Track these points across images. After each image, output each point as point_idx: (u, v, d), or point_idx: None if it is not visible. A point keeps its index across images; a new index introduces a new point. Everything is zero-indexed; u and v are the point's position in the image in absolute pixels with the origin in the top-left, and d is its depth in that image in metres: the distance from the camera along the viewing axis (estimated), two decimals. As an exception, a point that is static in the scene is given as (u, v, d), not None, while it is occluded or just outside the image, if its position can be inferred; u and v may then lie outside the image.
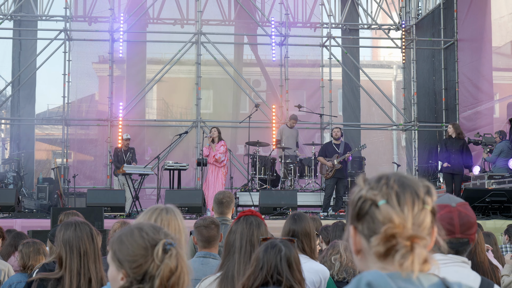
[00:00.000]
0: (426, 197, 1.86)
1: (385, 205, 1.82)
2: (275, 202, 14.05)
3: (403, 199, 1.83)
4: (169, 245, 2.34)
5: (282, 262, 3.35)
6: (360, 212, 1.87)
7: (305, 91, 22.46)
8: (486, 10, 18.55)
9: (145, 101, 21.34)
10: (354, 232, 1.90)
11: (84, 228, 4.04)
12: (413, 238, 1.79)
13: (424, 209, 1.84)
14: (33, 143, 20.94)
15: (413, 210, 1.82)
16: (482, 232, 6.35)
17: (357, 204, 1.88)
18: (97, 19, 21.19)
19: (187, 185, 18.02)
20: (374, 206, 1.84)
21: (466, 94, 19.55)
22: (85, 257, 3.95)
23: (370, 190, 1.86)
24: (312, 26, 22.31)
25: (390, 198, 1.83)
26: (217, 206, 6.42)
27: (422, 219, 1.83)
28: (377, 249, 1.82)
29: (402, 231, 1.80)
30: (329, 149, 15.68)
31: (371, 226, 1.84)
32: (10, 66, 20.92)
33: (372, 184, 1.87)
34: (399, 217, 1.80)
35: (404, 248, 1.79)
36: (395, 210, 1.81)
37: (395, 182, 1.85)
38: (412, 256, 1.79)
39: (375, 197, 1.84)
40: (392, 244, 1.80)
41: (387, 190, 1.84)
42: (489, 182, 14.92)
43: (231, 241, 3.90)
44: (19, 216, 13.38)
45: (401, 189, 1.84)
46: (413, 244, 1.79)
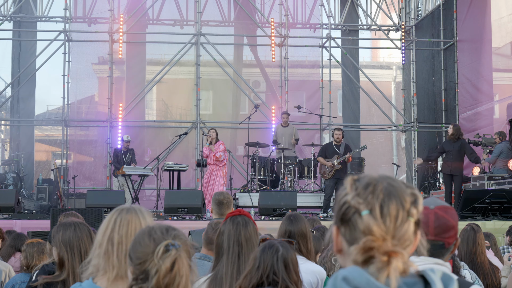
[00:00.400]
0: (412, 208, 1.84)
1: (368, 215, 1.81)
2: (275, 203, 14.03)
3: (386, 210, 1.81)
4: (172, 245, 2.36)
5: (278, 263, 3.35)
6: (344, 217, 1.86)
7: (305, 92, 22.46)
8: (486, 10, 18.55)
9: (144, 102, 21.34)
10: (336, 232, 1.90)
11: (83, 228, 4.03)
12: (390, 253, 1.78)
13: (407, 220, 1.82)
14: (32, 144, 20.93)
15: (396, 222, 1.80)
16: (482, 233, 6.34)
17: (341, 208, 1.87)
18: (96, 20, 21.19)
19: (186, 186, 18.02)
20: (357, 214, 1.82)
21: (465, 95, 19.55)
22: (86, 257, 3.95)
23: (356, 197, 1.84)
24: (312, 27, 22.31)
25: (373, 208, 1.81)
26: (216, 207, 6.41)
27: (404, 231, 1.81)
28: (356, 258, 1.81)
29: (381, 244, 1.78)
30: (329, 150, 15.68)
31: (352, 233, 1.84)
32: (9, 67, 20.91)
33: (358, 190, 1.85)
34: (380, 229, 1.79)
35: (380, 263, 1.78)
36: (377, 222, 1.80)
37: (381, 191, 1.83)
38: (387, 270, 1.77)
39: (359, 206, 1.82)
40: (370, 255, 1.79)
41: (372, 200, 1.82)
42: (489, 183, 14.91)
43: (220, 243, 3.89)
44: (19, 217, 13.37)
45: (386, 199, 1.82)
46: (390, 259, 1.78)
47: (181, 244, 2.39)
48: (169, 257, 2.35)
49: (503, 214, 13.38)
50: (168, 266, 2.34)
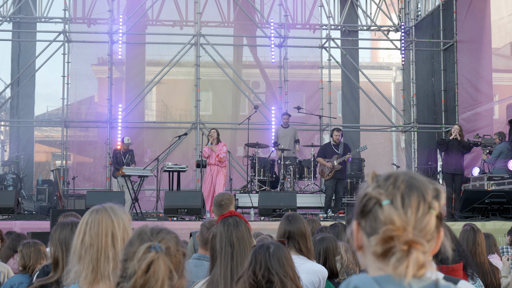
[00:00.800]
0: (433, 201, 1.82)
1: (389, 205, 1.80)
2: (275, 204, 14.03)
3: (407, 201, 1.79)
4: (153, 248, 2.35)
5: (271, 259, 3.36)
6: (364, 209, 1.85)
7: (304, 93, 22.47)
8: (486, 11, 18.55)
9: (144, 103, 21.33)
10: (357, 227, 1.89)
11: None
12: (411, 242, 1.77)
13: (429, 213, 1.81)
14: (32, 145, 20.92)
15: (417, 214, 1.79)
16: (481, 233, 6.34)
17: (362, 201, 1.86)
18: (96, 21, 21.18)
19: (186, 187, 18.02)
20: (378, 205, 1.82)
21: (465, 96, 19.55)
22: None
23: (376, 188, 1.84)
24: (311, 27, 22.31)
25: (394, 198, 1.80)
26: (216, 208, 6.40)
27: (425, 224, 1.80)
28: (375, 249, 1.80)
29: (401, 234, 1.77)
30: (328, 150, 15.68)
31: (373, 224, 1.82)
32: (9, 68, 20.90)
33: (379, 182, 1.85)
34: (401, 219, 1.78)
35: (400, 252, 1.77)
36: (398, 212, 1.78)
37: (402, 182, 1.82)
38: (407, 261, 1.76)
39: (380, 196, 1.82)
40: (390, 246, 1.78)
41: (393, 190, 1.81)
42: (489, 183, 14.91)
43: (213, 246, 3.88)
44: (19, 218, 13.36)
45: (407, 190, 1.81)
46: (410, 248, 1.77)
47: (163, 248, 2.36)
48: (146, 259, 2.32)
49: (502, 215, 13.38)
50: (144, 268, 2.31)
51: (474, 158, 17.88)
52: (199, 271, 4.83)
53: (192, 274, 4.82)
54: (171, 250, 2.39)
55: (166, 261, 2.35)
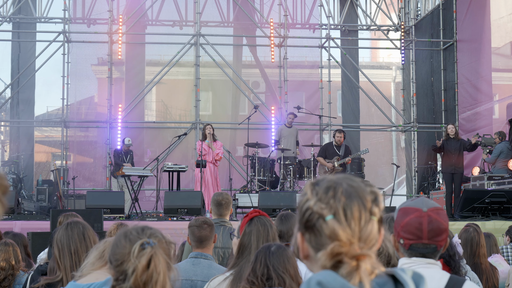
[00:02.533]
0: (373, 207, 1.84)
1: (332, 220, 1.80)
2: (274, 204, 14.02)
3: (350, 213, 1.81)
4: (147, 244, 2.39)
5: (271, 257, 3.37)
6: (308, 224, 1.85)
7: (304, 93, 22.46)
8: (486, 10, 18.55)
9: (144, 103, 21.33)
10: (302, 239, 1.89)
11: (76, 227, 4.04)
12: (358, 256, 1.79)
13: (371, 220, 1.83)
14: (32, 145, 20.92)
15: (360, 224, 1.81)
16: (482, 234, 6.33)
17: (304, 215, 1.86)
18: (96, 21, 21.18)
19: (186, 187, 18.00)
20: (322, 219, 1.82)
21: (465, 95, 19.55)
22: (76, 256, 3.95)
23: (318, 202, 1.84)
24: (311, 27, 22.30)
25: (337, 212, 1.81)
26: (215, 207, 6.41)
27: (369, 232, 1.82)
28: (324, 263, 1.81)
29: (348, 249, 1.79)
30: (329, 150, 15.68)
31: (318, 239, 1.83)
32: (9, 68, 20.89)
33: (320, 195, 1.85)
34: (346, 233, 1.79)
35: (349, 267, 1.78)
36: (342, 226, 1.80)
37: (342, 193, 1.83)
38: (358, 274, 1.78)
39: (322, 211, 1.82)
40: (338, 259, 1.79)
41: (334, 204, 1.82)
42: (489, 183, 14.92)
43: (246, 242, 3.91)
44: (19, 218, 13.36)
45: (348, 201, 1.82)
46: (358, 262, 1.78)
47: (156, 242, 2.41)
48: (145, 255, 2.36)
49: (503, 214, 13.38)
50: (144, 264, 2.35)
51: (474, 158, 17.88)
52: (197, 269, 4.85)
53: (190, 272, 4.83)
54: (162, 243, 2.44)
55: (162, 254, 2.39)
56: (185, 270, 4.83)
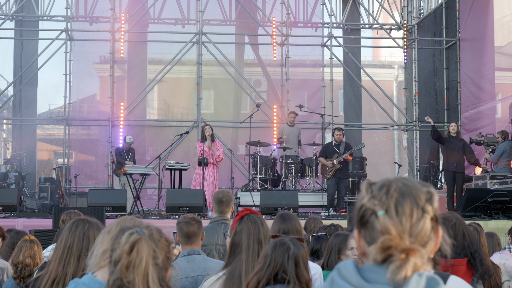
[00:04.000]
0: (427, 205, 1.89)
1: (384, 215, 1.87)
2: (276, 202, 14.02)
3: (401, 209, 1.86)
4: (135, 232, 2.41)
5: (289, 261, 3.34)
6: (362, 220, 1.93)
7: (306, 91, 22.43)
8: (489, 9, 18.52)
9: (146, 101, 21.33)
10: (358, 236, 1.97)
11: (82, 225, 4.03)
12: (408, 250, 1.83)
13: (423, 217, 1.88)
14: (35, 143, 20.94)
15: (411, 220, 1.86)
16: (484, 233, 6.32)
17: (359, 212, 1.94)
18: (98, 19, 21.18)
19: (188, 185, 17.99)
20: (374, 215, 1.89)
21: (468, 94, 19.52)
22: (69, 251, 3.93)
23: (371, 199, 1.91)
24: (313, 26, 22.28)
25: (389, 208, 1.87)
26: (216, 205, 6.41)
27: (420, 229, 1.87)
28: (375, 257, 1.87)
29: (398, 242, 1.84)
30: (329, 149, 15.70)
31: (371, 234, 1.90)
32: (11, 66, 20.91)
33: (374, 192, 1.92)
34: (396, 228, 1.85)
35: (399, 261, 1.83)
36: (393, 221, 1.86)
37: (395, 190, 1.89)
38: (405, 268, 1.83)
39: (375, 207, 1.89)
40: (389, 253, 1.85)
41: (387, 200, 1.88)
42: (491, 182, 14.89)
43: (237, 241, 3.89)
44: (21, 216, 13.38)
45: (400, 198, 1.88)
46: (408, 256, 1.83)
47: (146, 232, 2.41)
48: (129, 241, 2.37)
49: (505, 214, 13.36)
50: (127, 249, 2.35)
51: (477, 157, 17.85)
52: (194, 265, 4.86)
53: (187, 269, 4.83)
54: (154, 236, 2.43)
55: (149, 242, 2.38)
56: (182, 269, 4.82)
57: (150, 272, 2.36)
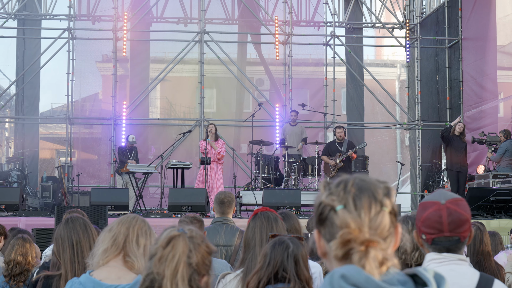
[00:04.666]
0: (385, 199, 1.89)
1: (342, 210, 1.86)
2: (279, 201, 14.02)
3: (359, 203, 1.86)
4: (176, 229, 2.44)
5: (289, 259, 3.35)
6: (321, 217, 1.92)
7: (309, 90, 22.44)
8: (491, 8, 18.50)
9: (148, 100, 21.34)
10: (318, 236, 1.95)
11: (77, 220, 4.05)
12: (367, 242, 1.83)
13: (382, 211, 1.87)
14: (37, 142, 20.94)
15: (370, 214, 1.86)
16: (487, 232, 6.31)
17: (318, 209, 1.93)
18: (100, 18, 21.18)
19: (190, 184, 18.01)
20: (333, 211, 1.88)
21: (470, 93, 19.51)
22: (78, 247, 3.95)
23: (329, 195, 1.91)
24: (316, 25, 22.28)
25: (347, 202, 1.87)
26: (218, 206, 6.41)
27: (379, 222, 1.86)
28: (336, 253, 1.86)
29: (357, 235, 1.83)
30: (332, 148, 15.71)
31: (331, 230, 1.89)
32: (14, 65, 20.91)
33: (331, 189, 1.92)
34: (355, 221, 1.84)
35: (359, 253, 1.83)
36: (352, 215, 1.85)
37: (353, 186, 1.89)
38: (366, 259, 1.82)
39: (333, 202, 1.89)
40: (349, 248, 1.84)
41: (345, 195, 1.88)
42: (494, 181, 14.89)
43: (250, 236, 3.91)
44: (24, 215, 13.40)
45: (358, 192, 1.88)
46: (367, 248, 1.83)
47: (187, 232, 2.42)
48: (167, 236, 2.39)
49: (508, 213, 13.37)
50: (163, 243, 2.37)
51: (479, 156, 17.85)
52: None
53: None
54: (195, 239, 2.43)
55: (187, 241, 2.39)
56: None
57: (181, 269, 2.35)
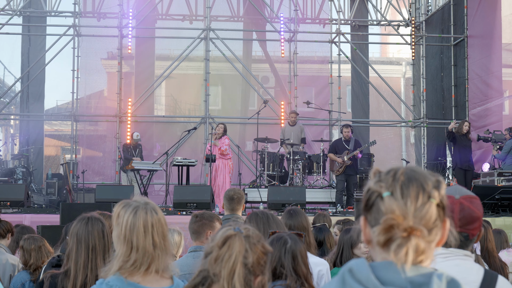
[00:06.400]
0: (433, 191, 1.89)
1: (389, 197, 1.87)
2: (284, 199, 14.03)
3: (406, 191, 1.87)
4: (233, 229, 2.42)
5: (286, 255, 3.35)
6: (368, 203, 1.93)
7: (314, 88, 22.41)
8: (496, 6, 18.46)
9: (153, 97, 21.34)
10: (364, 222, 1.96)
11: (97, 224, 4.01)
12: (410, 229, 1.83)
13: (429, 202, 1.87)
14: (42, 139, 20.97)
15: (416, 203, 1.86)
16: (492, 230, 6.31)
17: (366, 196, 1.95)
18: (106, 15, 21.18)
19: (195, 181, 18.03)
20: (380, 197, 1.89)
21: (475, 91, 19.47)
22: (93, 252, 3.92)
23: (377, 182, 1.92)
24: (321, 22, 22.25)
25: (394, 190, 1.88)
26: (228, 203, 6.42)
27: (425, 212, 1.86)
28: (378, 238, 1.87)
29: (401, 222, 1.84)
30: (339, 146, 15.70)
31: (376, 216, 1.90)
32: (19, 62, 20.94)
33: (381, 177, 1.93)
34: (401, 208, 1.85)
35: (400, 239, 1.83)
36: (398, 202, 1.86)
37: (402, 174, 1.90)
38: (406, 247, 1.82)
39: (381, 189, 1.90)
40: (392, 234, 1.85)
41: (393, 183, 1.89)
42: (499, 179, 14.87)
43: None
44: (28, 212, 13.41)
45: (407, 181, 1.88)
46: (410, 235, 1.83)
47: (243, 231, 2.39)
48: (224, 235, 2.36)
49: (513, 210, 13.35)
50: (219, 242, 2.35)
51: (484, 154, 17.82)
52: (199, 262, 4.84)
53: (192, 266, 4.83)
54: (251, 238, 2.39)
55: (243, 241, 2.35)
56: (187, 265, 4.82)
57: (238, 270, 2.33)
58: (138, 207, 3.13)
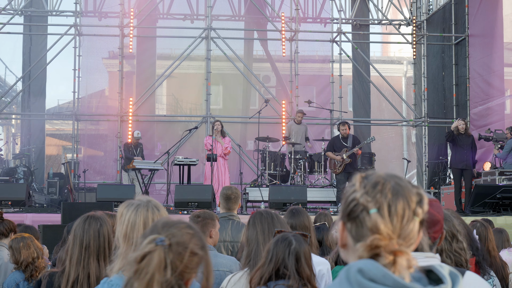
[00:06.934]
0: (417, 208, 1.89)
1: (376, 214, 1.86)
2: (285, 198, 14.04)
3: (394, 209, 1.86)
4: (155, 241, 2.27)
5: (290, 256, 3.35)
6: (351, 214, 1.91)
7: (315, 87, 22.42)
8: (498, 5, 18.45)
9: (155, 96, 21.35)
10: (343, 227, 1.95)
11: (94, 223, 4.00)
12: (396, 252, 1.84)
13: (413, 220, 1.88)
14: (43, 138, 20.98)
15: (402, 222, 1.86)
16: (493, 229, 6.31)
17: (349, 205, 1.92)
18: (107, 14, 21.19)
19: (196, 181, 18.03)
20: (366, 212, 1.88)
21: (477, 90, 19.47)
22: (87, 251, 3.92)
23: (364, 194, 1.89)
24: (322, 21, 22.25)
25: (381, 207, 1.86)
26: (224, 201, 6.42)
27: (409, 231, 1.87)
28: (362, 254, 1.86)
29: (387, 243, 1.84)
30: (337, 144, 15.60)
31: (359, 230, 1.89)
32: (20, 61, 20.95)
33: (367, 188, 1.90)
34: (387, 228, 1.85)
35: (387, 261, 1.83)
36: (384, 221, 1.85)
37: (389, 190, 1.88)
38: (394, 267, 1.82)
39: (368, 203, 1.88)
40: (376, 253, 1.84)
41: (381, 199, 1.87)
42: (500, 178, 14.86)
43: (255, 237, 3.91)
44: (30, 211, 13.42)
45: (394, 198, 1.87)
46: (395, 257, 1.83)
47: (166, 243, 2.25)
48: (143, 250, 2.24)
49: (514, 210, 13.35)
50: (138, 258, 2.23)
51: (486, 153, 17.81)
52: None
53: None
54: (176, 247, 2.26)
55: (162, 256, 2.23)
56: None
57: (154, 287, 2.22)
58: (139, 205, 3.14)
